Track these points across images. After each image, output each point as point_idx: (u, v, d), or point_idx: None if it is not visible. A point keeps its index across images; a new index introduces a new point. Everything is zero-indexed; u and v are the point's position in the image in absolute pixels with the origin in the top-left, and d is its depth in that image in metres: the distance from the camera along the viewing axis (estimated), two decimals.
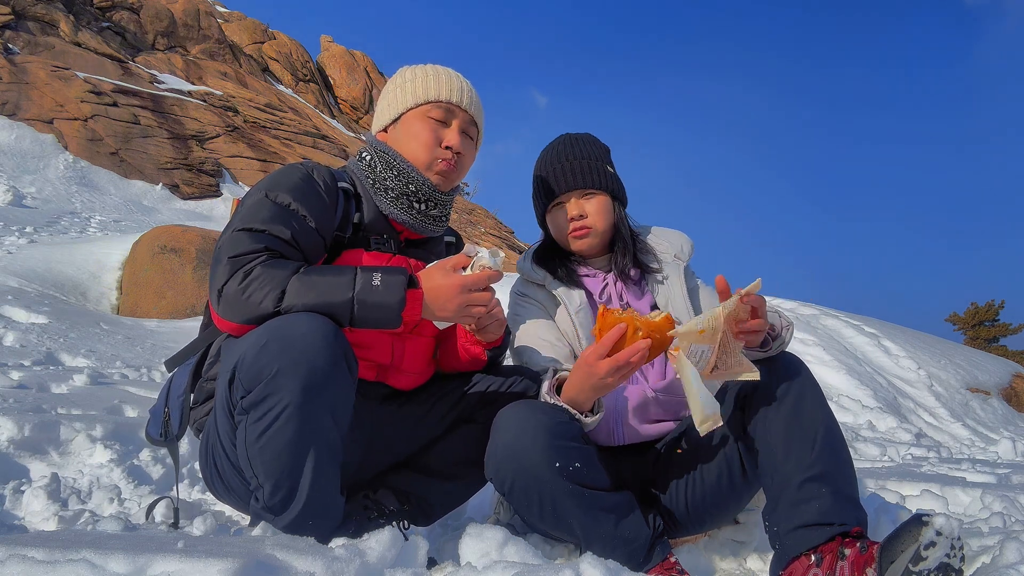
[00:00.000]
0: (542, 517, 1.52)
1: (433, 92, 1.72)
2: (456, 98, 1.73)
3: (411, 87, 1.74)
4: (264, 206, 1.52)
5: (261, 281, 1.39)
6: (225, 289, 1.41)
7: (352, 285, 1.40)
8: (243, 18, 28.99)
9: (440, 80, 1.74)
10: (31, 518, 1.84)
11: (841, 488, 1.43)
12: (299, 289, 1.38)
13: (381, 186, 1.71)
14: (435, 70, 1.77)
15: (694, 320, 1.40)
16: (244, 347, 1.35)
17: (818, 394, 1.53)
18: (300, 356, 1.31)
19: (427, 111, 1.72)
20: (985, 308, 30.33)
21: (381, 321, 1.42)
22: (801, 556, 1.39)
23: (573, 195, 1.88)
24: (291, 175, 1.60)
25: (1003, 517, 2.06)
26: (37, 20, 17.41)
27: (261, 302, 1.38)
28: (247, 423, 1.36)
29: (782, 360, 1.58)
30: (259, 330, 1.36)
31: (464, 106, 1.74)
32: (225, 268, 1.42)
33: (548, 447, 1.45)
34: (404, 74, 1.79)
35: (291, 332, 1.33)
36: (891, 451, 4.41)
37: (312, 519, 1.38)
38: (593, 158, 1.90)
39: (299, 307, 1.38)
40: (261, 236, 1.47)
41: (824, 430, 1.47)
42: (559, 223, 1.91)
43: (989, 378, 8.45)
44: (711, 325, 1.38)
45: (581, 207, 1.87)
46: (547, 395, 1.60)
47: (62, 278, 7.17)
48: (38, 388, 3.14)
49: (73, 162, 13.74)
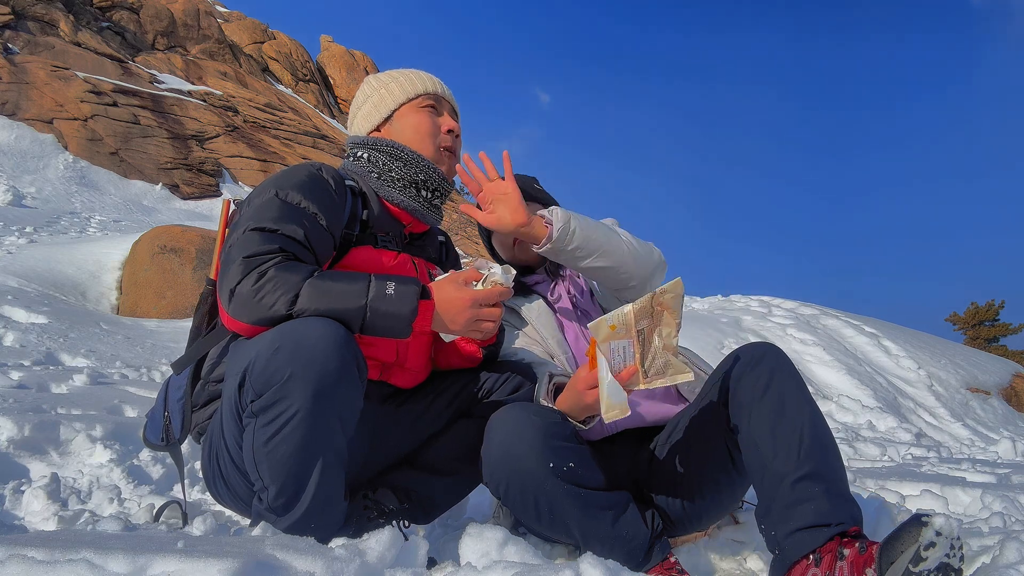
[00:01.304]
0: (539, 519, 1.52)
1: (420, 86, 1.82)
2: (440, 90, 1.85)
3: (396, 86, 1.82)
4: (275, 205, 1.52)
5: (275, 283, 1.39)
6: (238, 289, 1.40)
7: (366, 292, 1.40)
8: (243, 18, 29.00)
9: (421, 76, 1.85)
10: (31, 518, 1.84)
11: (833, 485, 1.42)
12: (312, 294, 1.38)
13: (387, 177, 1.74)
14: (410, 70, 1.87)
15: (605, 316, 1.45)
16: (256, 350, 1.35)
17: (800, 385, 1.52)
18: (312, 362, 1.31)
19: (419, 102, 1.81)
20: (985, 308, 30.33)
21: (391, 330, 1.43)
22: (801, 560, 1.38)
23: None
24: (300, 174, 1.61)
25: (1003, 517, 2.06)
26: (37, 20, 17.41)
27: (274, 305, 1.38)
28: (255, 426, 1.36)
29: (759, 350, 1.57)
30: (271, 333, 1.36)
31: (447, 96, 1.86)
32: (238, 268, 1.42)
33: (542, 448, 1.46)
34: (379, 78, 1.87)
35: (304, 337, 1.32)
36: (891, 451, 4.41)
37: (314, 522, 1.39)
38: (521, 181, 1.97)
39: (311, 312, 1.37)
40: (274, 236, 1.47)
41: (810, 425, 1.46)
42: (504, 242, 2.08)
43: (989, 378, 8.45)
44: (621, 321, 1.44)
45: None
46: (543, 400, 1.63)
47: (62, 278, 7.17)
48: (38, 388, 3.14)
49: (73, 162, 13.75)
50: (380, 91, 1.83)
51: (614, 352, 1.45)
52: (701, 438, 1.66)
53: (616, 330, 1.43)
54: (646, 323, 1.45)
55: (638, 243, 1.91)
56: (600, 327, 1.44)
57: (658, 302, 1.45)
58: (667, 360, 1.46)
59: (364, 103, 1.85)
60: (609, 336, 1.44)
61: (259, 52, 27.80)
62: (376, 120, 1.81)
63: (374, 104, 1.82)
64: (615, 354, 1.45)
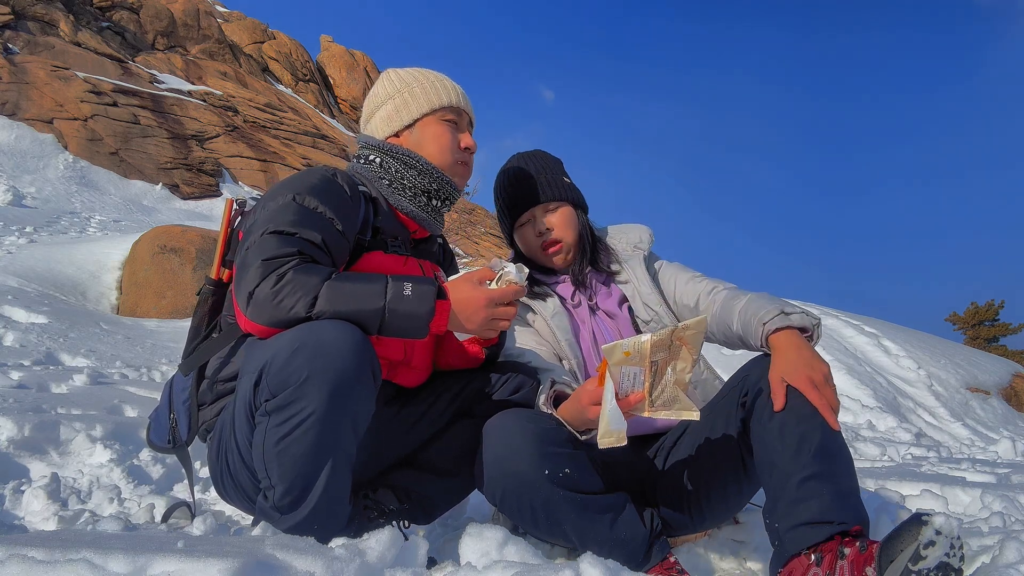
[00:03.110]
0: (536, 524, 1.52)
1: (445, 98, 1.79)
2: (462, 102, 1.82)
3: (421, 93, 1.78)
4: (292, 209, 1.52)
5: (294, 286, 1.39)
6: (257, 292, 1.41)
7: (384, 294, 1.40)
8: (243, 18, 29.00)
9: (446, 86, 1.81)
10: (31, 518, 1.84)
11: (841, 487, 1.43)
12: (331, 295, 1.38)
13: (398, 185, 1.74)
14: (434, 75, 1.83)
15: (621, 341, 1.42)
16: (274, 350, 1.35)
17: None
18: (330, 364, 1.31)
19: (442, 115, 1.78)
20: (985, 308, 30.34)
21: (409, 330, 1.43)
22: (800, 554, 1.39)
23: (536, 210, 1.95)
24: (315, 178, 1.61)
25: (1003, 517, 2.06)
26: (37, 20, 17.41)
27: (292, 307, 1.38)
28: (268, 425, 1.36)
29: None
30: (289, 334, 1.36)
31: (468, 109, 1.84)
32: (257, 271, 1.42)
33: (537, 455, 1.46)
34: (402, 78, 1.82)
35: (323, 340, 1.33)
36: (891, 451, 4.41)
37: (318, 523, 1.39)
38: (549, 171, 1.98)
39: (330, 314, 1.38)
40: (293, 239, 1.47)
41: (823, 429, 1.47)
42: (528, 240, 1.98)
43: (989, 378, 8.45)
44: (636, 350, 1.40)
45: (547, 221, 1.94)
46: (544, 407, 1.62)
47: (62, 278, 7.17)
48: (38, 388, 3.14)
49: (73, 162, 13.75)
50: (404, 94, 1.78)
51: (624, 376, 1.42)
52: (713, 442, 1.66)
53: (630, 357, 1.41)
54: (662, 355, 1.42)
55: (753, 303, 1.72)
56: (614, 351, 1.41)
57: (678, 336, 1.42)
58: (676, 395, 1.44)
59: (385, 102, 1.81)
60: (622, 361, 1.41)
61: (259, 52, 27.80)
62: (397, 126, 1.78)
63: (395, 107, 1.79)
64: (624, 378, 1.43)
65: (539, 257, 1.99)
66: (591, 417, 1.47)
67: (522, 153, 2.06)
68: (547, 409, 1.61)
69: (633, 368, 1.42)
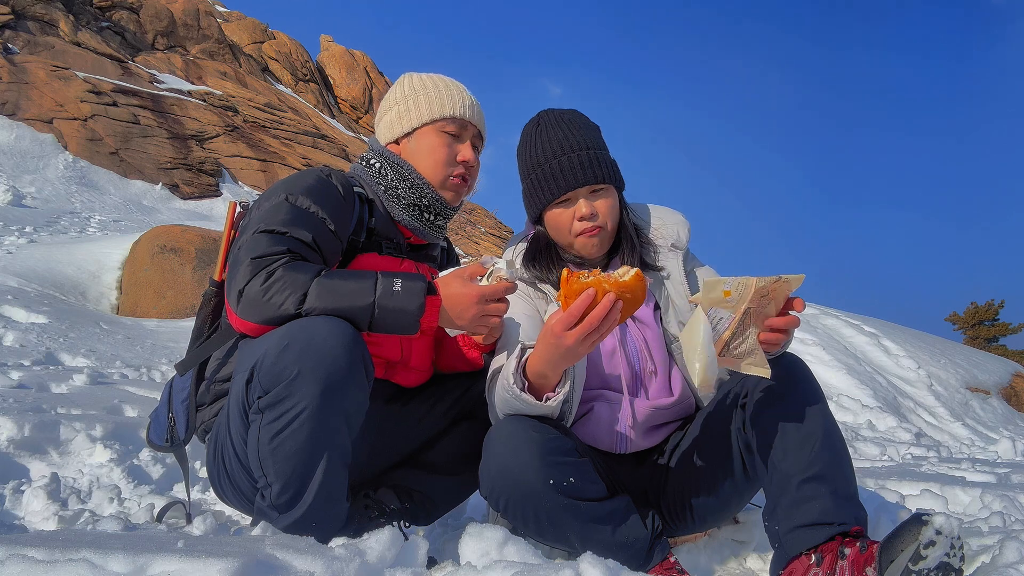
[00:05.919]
0: (539, 531, 1.52)
1: (448, 108, 1.75)
2: (468, 114, 1.77)
3: (424, 101, 1.76)
4: (284, 209, 1.53)
5: (283, 283, 1.40)
6: (247, 290, 1.41)
7: (373, 290, 1.41)
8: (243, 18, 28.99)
9: (453, 95, 1.76)
10: (31, 518, 1.84)
11: (841, 488, 1.43)
12: (320, 292, 1.39)
13: (393, 194, 1.74)
14: (444, 83, 1.79)
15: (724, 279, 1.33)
16: (265, 348, 1.36)
17: (819, 394, 1.53)
18: (321, 361, 1.32)
19: (442, 126, 1.75)
20: (985, 308, 30.33)
21: (399, 327, 1.43)
22: (801, 555, 1.39)
23: (581, 192, 1.69)
24: (309, 179, 1.62)
25: (1003, 516, 2.06)
26: (37, 20, 17.40)
27: (282, 304, 1.39)
28: (261, 423, 1.37)
29: (783, 360, 1.57)
30: (280, 331, 1.37)
31: (475, 121, 1.79)
32: (247, 269, 1.43)
33: (541, 465, 1.45)
34: (412, 84, 1.79)
35: (313, 336, 1.33)
36: (891, 451, 4.41)
37: (315, 521, 1.39)
38: (595, 145, 1.72)
39: (320, 310, 1.38)
40: (283, 238, 1.48)
41: (824, 430, 1.47)
42: (561, 222, 1.72)
43: (989, 378, 8.46)
44: (738, 292, 1.31)
45: (591, 206, 1.69)
46: (512, 375, 1.48)
47: (62, 278, 7.17)
48: (38, 388, 3.14)
49: (73, 162, 13.74)
50: (408, 102, 1.77)
51: (711, 319, 1.34)
52: (713, 443, 1.66)
53: (729, 298, 1.31)
54: (755, 304, 1.34)
55: None
56: (715, 288, 1.31)
57: (777, 287, 1.34)
58: (755, 348, 1.37)
59: (391, 108, 1.80)
60: (719, 302, 1.32)
61: (259, 52, 27.78)
62: (397, 133, 1.78)
63: (398, 114, 1.78)
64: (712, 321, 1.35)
65: (569, 242, 1.74)
66: (570, 344, 1.34)
67: (559, 113, 1.77)
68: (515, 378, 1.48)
69: (724, 312, 1.34)
